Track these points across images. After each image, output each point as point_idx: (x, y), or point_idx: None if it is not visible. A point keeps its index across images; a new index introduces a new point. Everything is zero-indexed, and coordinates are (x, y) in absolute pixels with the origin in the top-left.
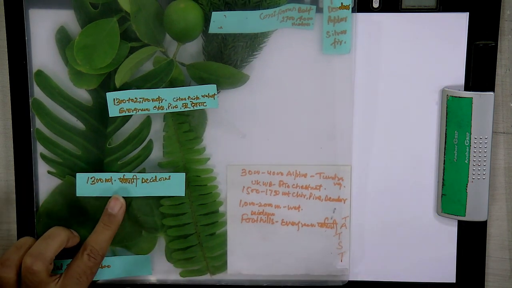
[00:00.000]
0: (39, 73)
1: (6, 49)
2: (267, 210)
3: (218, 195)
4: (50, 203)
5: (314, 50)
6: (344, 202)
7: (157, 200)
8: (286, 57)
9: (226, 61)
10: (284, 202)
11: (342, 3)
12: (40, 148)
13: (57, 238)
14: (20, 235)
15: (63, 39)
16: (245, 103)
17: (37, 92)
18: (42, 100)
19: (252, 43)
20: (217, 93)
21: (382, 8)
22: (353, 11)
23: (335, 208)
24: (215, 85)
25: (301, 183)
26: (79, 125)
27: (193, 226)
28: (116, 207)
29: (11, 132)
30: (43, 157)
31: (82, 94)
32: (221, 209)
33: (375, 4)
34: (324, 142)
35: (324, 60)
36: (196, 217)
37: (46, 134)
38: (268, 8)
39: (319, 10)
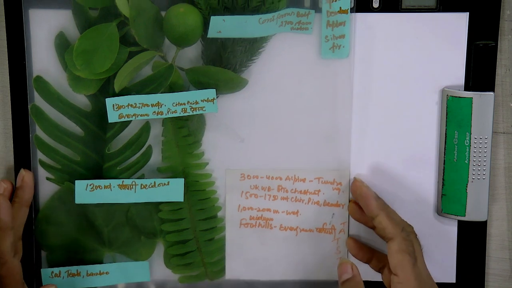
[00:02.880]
0: (38, 79)
1: (6, 49)
2: (265, 215)
3: (216, 200)
4: (49, 209)
5: (313, 55)
6: (343, 207)
7: (156, 205)
8: (285, 61)
9: (225, 65)
10: (283, 207)
11: (340, 7)
12: (39, 155)
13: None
14: None
15: (62, 44)
16: (244, 107)
17: (36, 98)
18: (41, 106)
19: (251, 47)
20: (216, 97)
21: (382, 8)
22: (352, 11)
23: (333, 213)
24: (214, 89)
25: (299, 188)
26: (78, 130)
27: (191, 231)
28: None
29: (11, 132)
30: (42, 163)
31: (81, 100)
32: (219, 214)
33: (375, 4)
34: (323, 147)
35: (323, 65)
36: (195, 222)
37: (45, 140)
38: (267, 13)
39: (318, 14)
